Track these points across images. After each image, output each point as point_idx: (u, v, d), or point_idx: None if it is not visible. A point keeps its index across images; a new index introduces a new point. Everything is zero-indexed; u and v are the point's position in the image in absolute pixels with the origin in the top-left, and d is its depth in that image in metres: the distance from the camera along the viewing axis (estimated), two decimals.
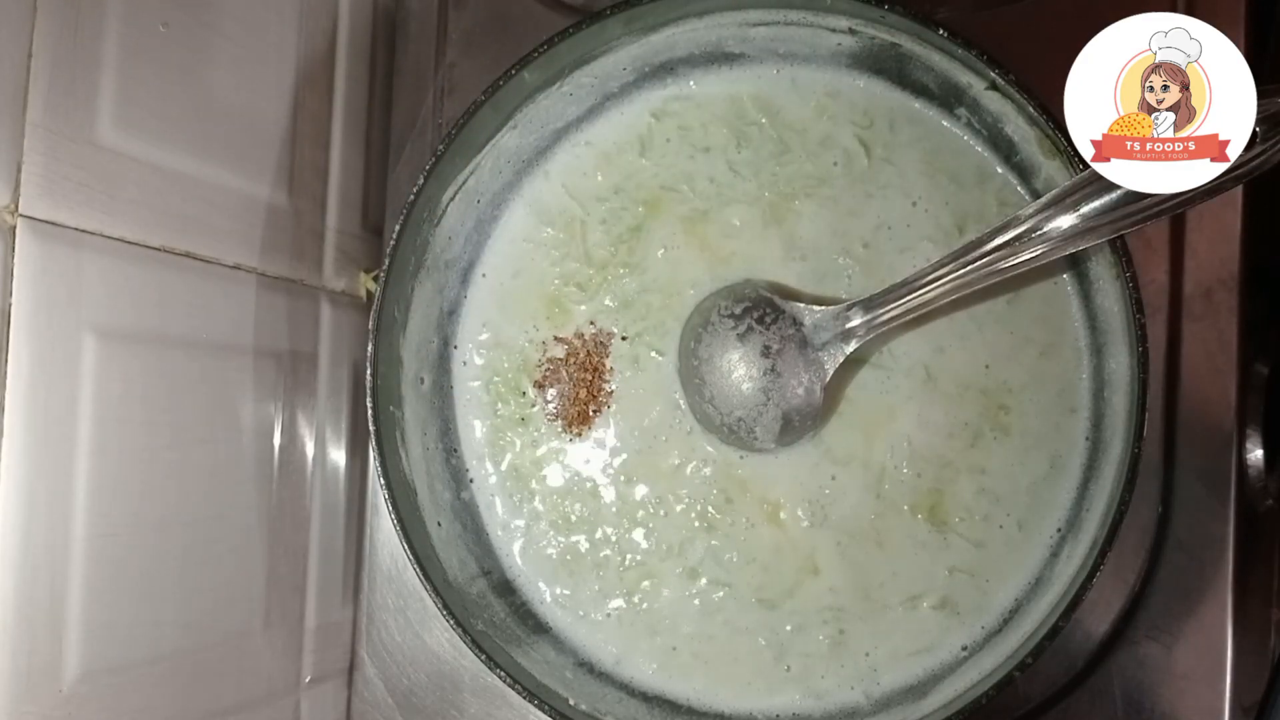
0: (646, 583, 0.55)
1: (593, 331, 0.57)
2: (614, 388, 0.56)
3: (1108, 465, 0.48)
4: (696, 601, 0.54)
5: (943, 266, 0.47)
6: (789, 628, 0.53)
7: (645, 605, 0.55)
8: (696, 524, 0.55)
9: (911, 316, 0.49)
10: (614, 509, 0.56)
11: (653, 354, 0.56)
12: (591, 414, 0.56)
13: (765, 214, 0.55)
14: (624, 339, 0.56)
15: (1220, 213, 0.52)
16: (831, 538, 0.53)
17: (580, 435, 0.56)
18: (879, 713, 0.51)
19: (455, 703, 0.62)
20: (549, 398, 0.57)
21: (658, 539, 0.55)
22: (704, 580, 0.54)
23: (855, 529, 0.53)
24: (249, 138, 0.58)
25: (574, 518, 0.56)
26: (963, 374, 0.52)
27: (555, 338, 0.57)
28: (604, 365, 0.56)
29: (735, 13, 0.52)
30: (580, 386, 0.56)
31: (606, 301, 0.56)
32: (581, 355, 0.56)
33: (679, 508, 0.55)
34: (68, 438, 0.47)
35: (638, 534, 0.55)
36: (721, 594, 0.54)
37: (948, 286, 0.47)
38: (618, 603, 0.55)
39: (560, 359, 0.57)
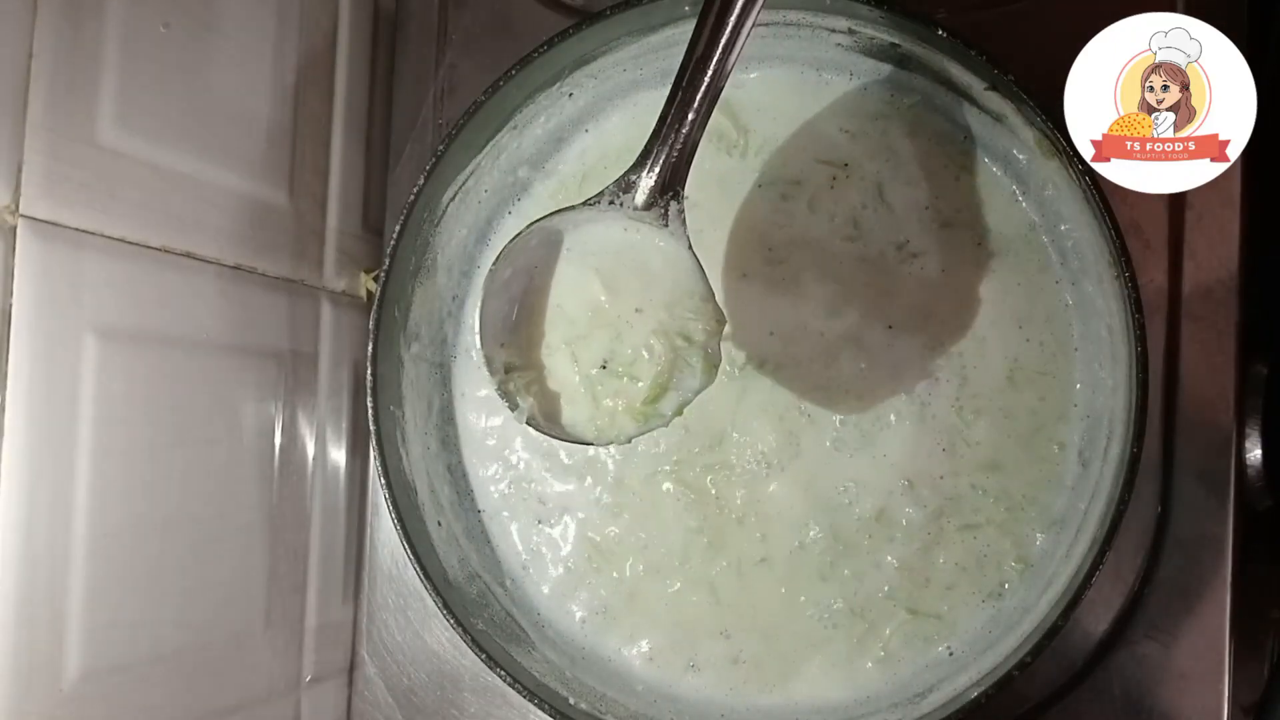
0: (648, 582, 0.55)
1: None
2: None
3: (1107, 465, 0.48)
4: (696, 599, 0.54)
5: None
6: (795, 629, 0.53)
7: (645, 605, 0.55)
8: (704, 522, 0.55)
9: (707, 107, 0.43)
10: (615, 509, 0.56)
11: None
12: None
13: (760, 203, 0.55)
14: None
15: (1219, 213, 0.52)
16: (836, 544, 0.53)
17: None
18: (879, 712, 0.51)
19: (455, 702, 0.62)
20: None
21: (660, 540, 0.55)
22: (718, 582, 0.54)
23: (858, 535, 0.53)
24: (249, 138, 0.58)
25: (575, 517, 0.56)
26: None
27: None
28: None
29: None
30: None
31: None
32: None
33: (685, 506, 0.55)
34: (68, 437, 0.47)
35: (639, 533, 0.55)
36: (739, 560, 0.54)
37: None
38: (622, 593, 0.55)
39: None
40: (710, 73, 0.42)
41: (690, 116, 0.42)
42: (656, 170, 0.44)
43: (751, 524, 0.54)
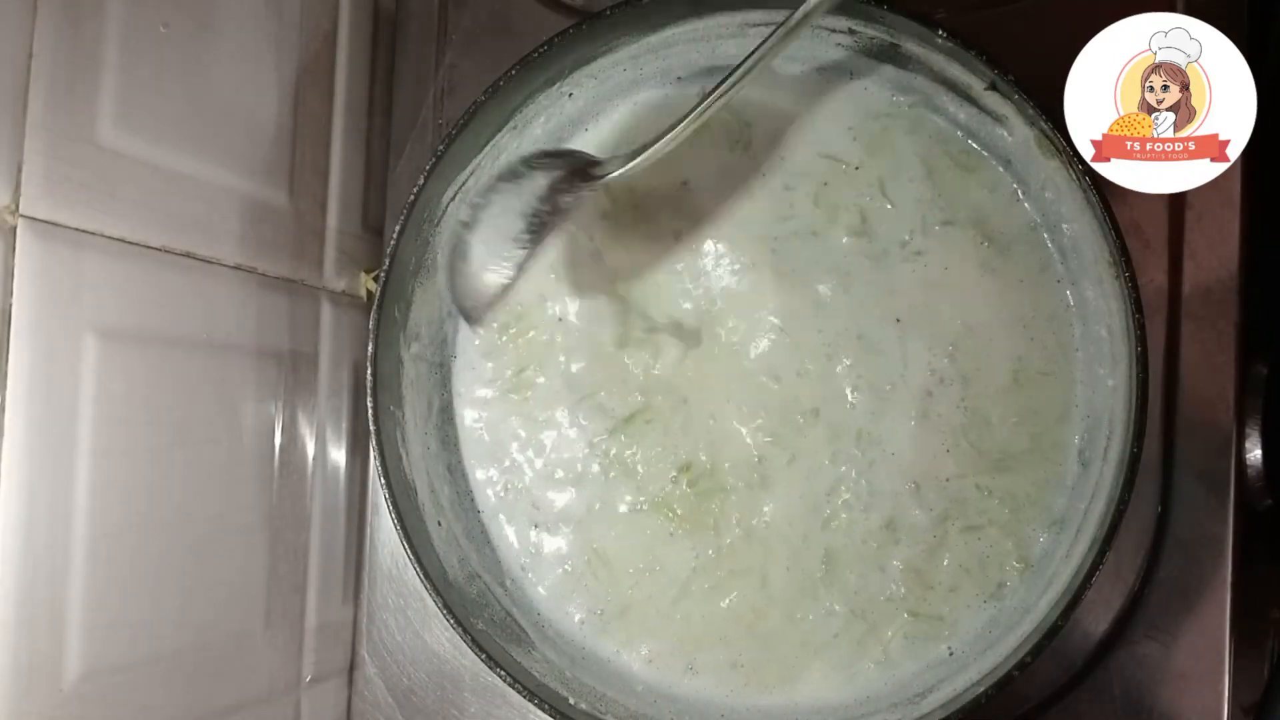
0: (645, 590, 0.55)
1: None
2: None
3: (1107, 465, 0.48)
4: (694, 607, 0.55)
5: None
6: (796, 634, 0.53)
7: (641, 613, 0.55)
8: (701, 529, 0.55)
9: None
10: (610, 517, 0.56)
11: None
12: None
13: (762, 200, 0.55)
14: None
15: (1219, 213, 0.52)
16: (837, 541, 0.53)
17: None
18: (879, 712, 0.51)
19: (455, 702, 0.62)
20: None
21: (657, 546, 0.55)
22: (717, 589, 0.54)
23: (862, 539, 0.53)
24: (249, 138, 0.58)
25: (570, 524, 0.56)
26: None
27: None
28: None
29: (734, 14, 0.52)
30: None
31: None
32: None
33: (683, 513, 0.55)
34: (68, 437, 0.47)
35: (635, 540, 0.55)
36: (736, 593, 0.54)
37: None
38: (618, 604, 0.55)
39: None
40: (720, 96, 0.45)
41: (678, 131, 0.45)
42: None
43: (751, 529, 0.54)
